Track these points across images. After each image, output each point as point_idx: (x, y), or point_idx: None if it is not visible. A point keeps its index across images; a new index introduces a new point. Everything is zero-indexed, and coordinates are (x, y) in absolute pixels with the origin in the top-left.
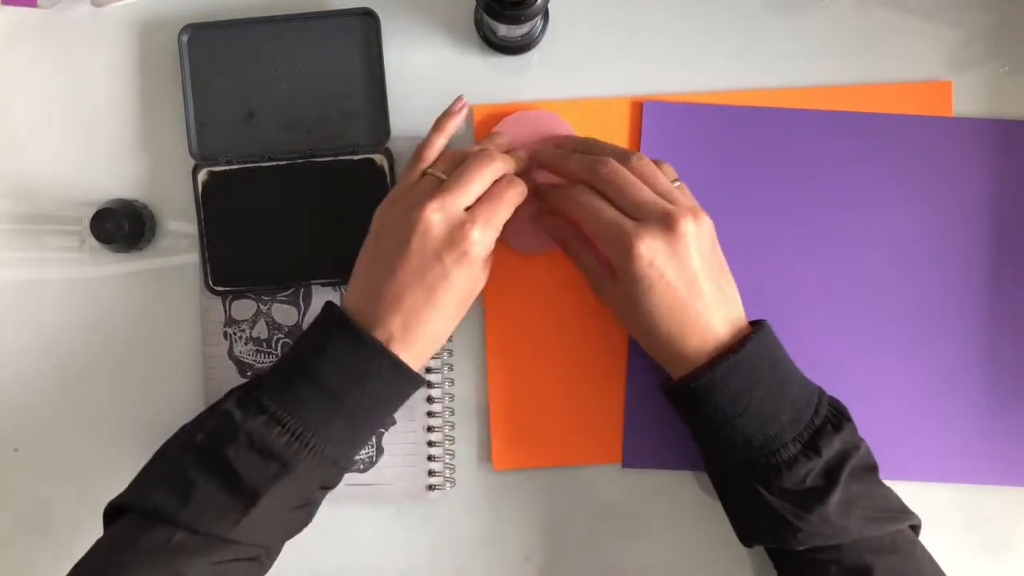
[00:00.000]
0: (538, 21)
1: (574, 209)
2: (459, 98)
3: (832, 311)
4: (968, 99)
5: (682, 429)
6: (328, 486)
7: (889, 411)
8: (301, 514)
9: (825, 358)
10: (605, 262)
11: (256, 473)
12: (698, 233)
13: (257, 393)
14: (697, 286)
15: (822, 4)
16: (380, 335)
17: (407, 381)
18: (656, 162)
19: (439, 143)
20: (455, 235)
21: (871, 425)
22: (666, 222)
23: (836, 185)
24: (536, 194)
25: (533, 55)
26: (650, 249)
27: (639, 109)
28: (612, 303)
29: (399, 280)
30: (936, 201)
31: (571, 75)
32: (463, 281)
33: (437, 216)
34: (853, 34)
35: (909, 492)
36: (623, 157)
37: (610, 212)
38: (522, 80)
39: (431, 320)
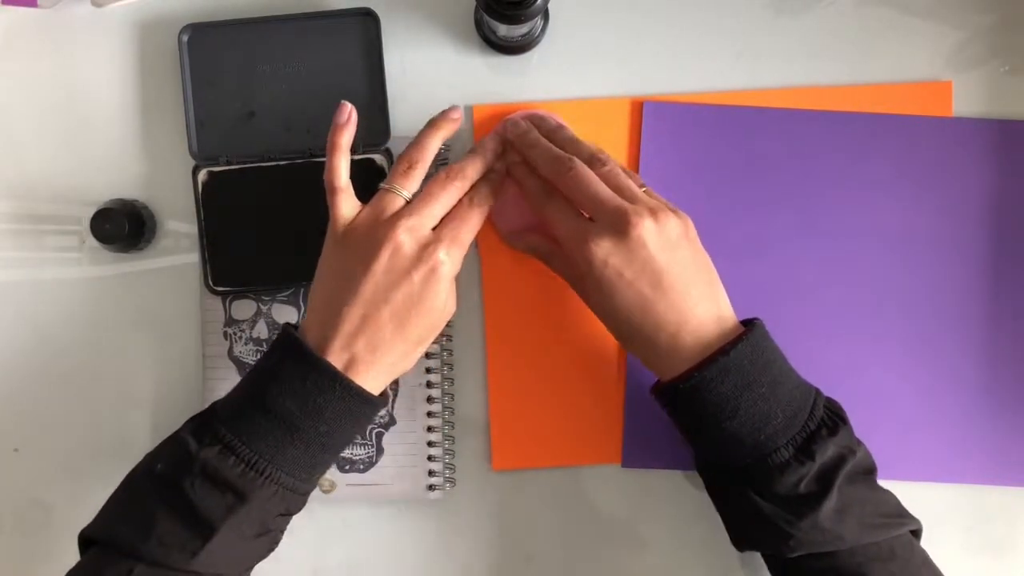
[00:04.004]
0: (538, 21)
1: (543, 212)
2: (455, 107)
3: (832, 311)
4: (968, 99)
5: None
6: (290, 512)
7: (889, 411)
8: (262, 542)
9: (825, 358)
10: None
11: (212, 504)
12: (658, 231)
13: (212, 422)
14: (664, 283)
15: (822, 4)
16: (342, 356)
17: (366, 405)
18: (626, 171)
19: (433, 144)
20: (423, 253)
21: (871, 425)
22: (620, 221)
23: (836, 185)
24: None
25: (533, 55)
26: (604, 250)
27: (639, 109)
28: (593, 308)
29: (365, 298)
30: (936, 201)
31: (571, 75)
32: (430, 300)
33: (406, 235)
34: (853, 34)
35: (909, 492)
36: (591, 160)
37: (570, 215)
38: (522, 80)
39: (396, 340)
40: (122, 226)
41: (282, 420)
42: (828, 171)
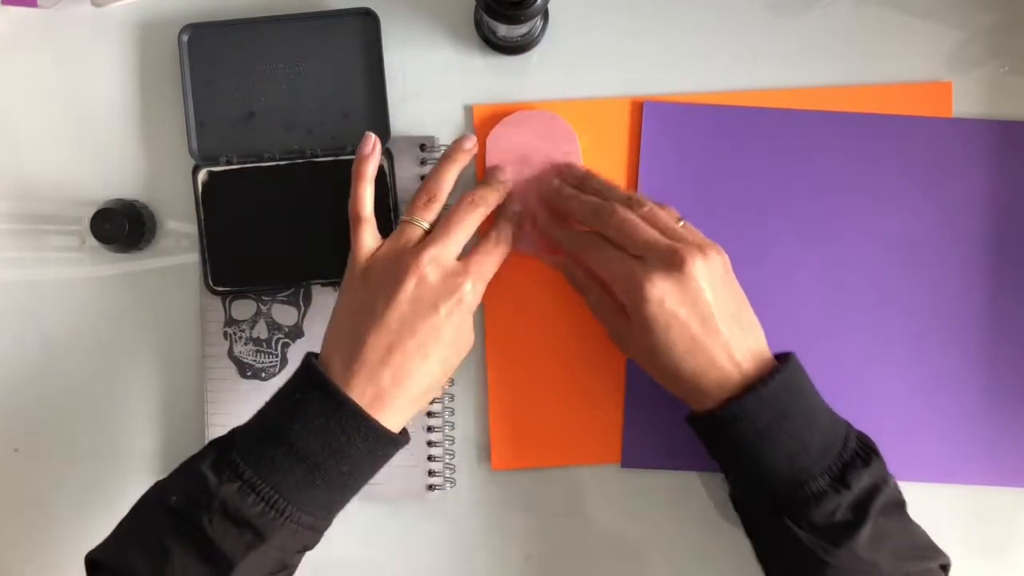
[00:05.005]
0: (538, 21)
1: (586, 256)
2: (468, 136)
3: (832, 312)
4: (968, 99)
5: (682, 429)
6: (307, 548)
7: (890, 411)
8: None
9: (826, 358)
10: (620, 307)
11: (230, 542)
12: (708, 268)
13: (232, 456)
14: (712, 323)
15: (822, 4)
16: (368, 389)
17: (389, 444)
18: (659, 205)
19: (450, 177)
20: (449, 284)
21: (872, 425)
22: (673, 261)
23: (836, 186)
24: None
25: (533, 55)
26: (659, 289)
27: (639, 109)
28: (631, 349)
29: (391, 328)
30: (936, 201)
31: (571, 75)
32: (454, 332)
33: (431, 266)
34: (853, 34)
35: (909, 492)
36: (628, 203)
37: (619, 257)
38: (522, 80)
39: (419, 374)
40: (122, 226)
41: (304, 459)
42: (828, 171)
